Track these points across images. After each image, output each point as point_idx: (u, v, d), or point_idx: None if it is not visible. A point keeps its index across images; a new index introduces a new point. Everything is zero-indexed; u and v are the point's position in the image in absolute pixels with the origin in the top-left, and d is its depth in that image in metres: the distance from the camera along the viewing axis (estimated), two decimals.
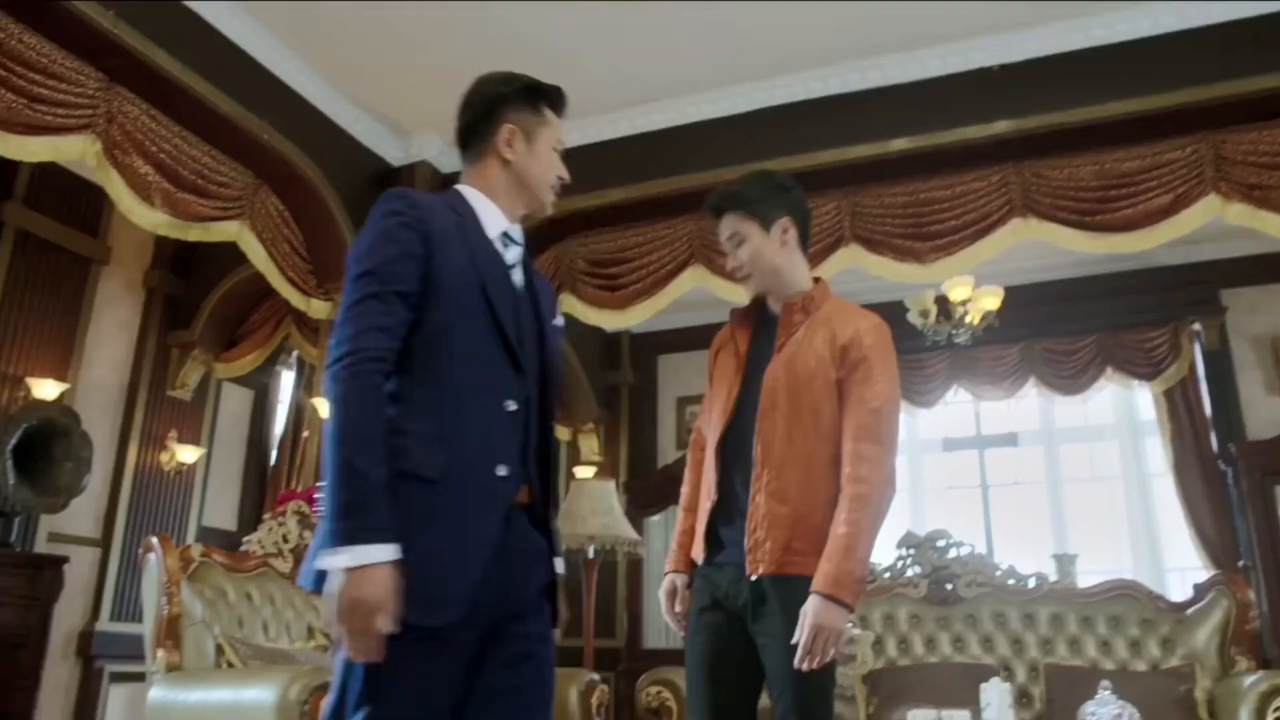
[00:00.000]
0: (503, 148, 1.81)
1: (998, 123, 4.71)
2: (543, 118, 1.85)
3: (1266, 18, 4.38)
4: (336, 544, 1.45)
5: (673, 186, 5.29)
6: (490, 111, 1.83)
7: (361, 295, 1.58)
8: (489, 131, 1.82)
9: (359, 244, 1.66)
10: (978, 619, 4.50)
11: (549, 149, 1.86)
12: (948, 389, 7.17)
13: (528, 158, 1.82)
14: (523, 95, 1.84)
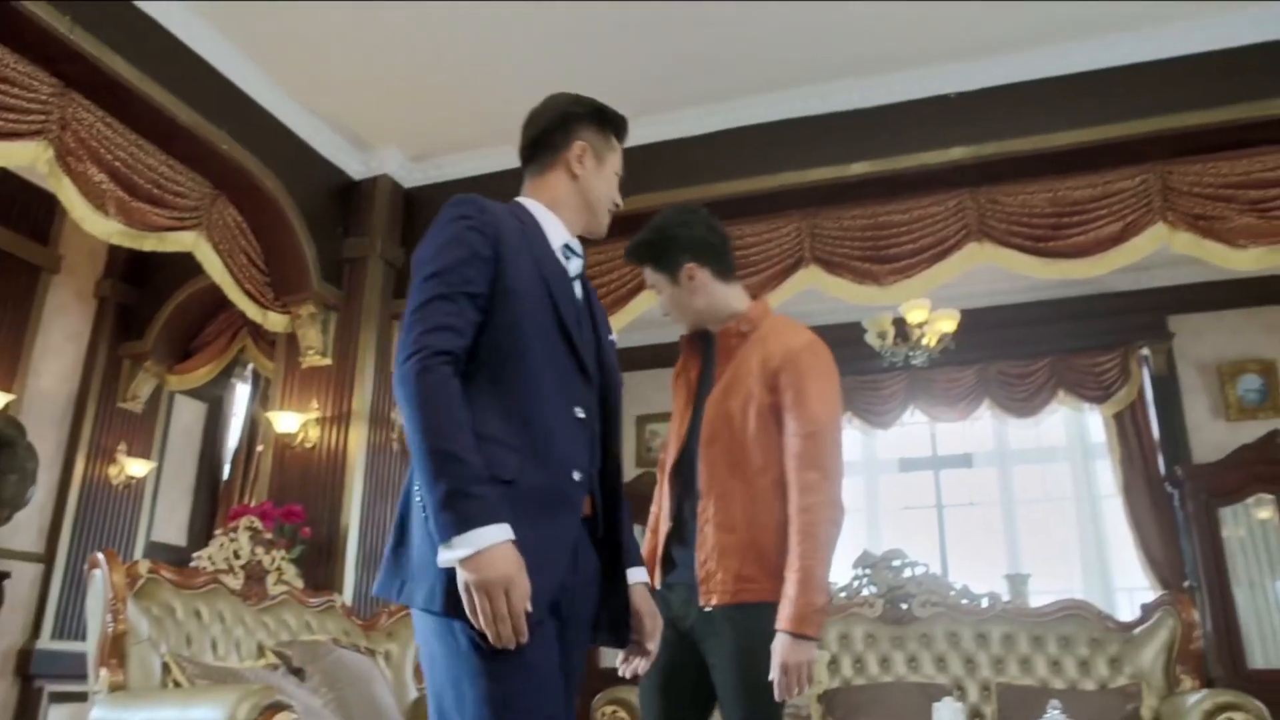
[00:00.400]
0: (574, 162, 1.83)
1: (955, 149, 4.80)
2: (610, 143, 1.89)
3: (1210, 55, 4.53)
4: (449, 535, 1.41)
5: (633, 205, 5.26)
6: (564, 126, 1.85)
7: (430, 296, 1.57)
8: (561, 145, 1.84)
9: (426, 247, 1.65)
10: (932, 638, 4.54)
11: (612, 173, 1.89)
12: (904, 410, 7.26)
13: (595, 176, 1.85)
14: (594, 116, 1.88)
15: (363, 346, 5.38)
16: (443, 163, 5.72)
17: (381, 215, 5.62)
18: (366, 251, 5.53)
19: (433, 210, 6.08)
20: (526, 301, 1.63)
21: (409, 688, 4.34)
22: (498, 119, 5.33)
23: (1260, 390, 6.52)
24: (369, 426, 5.27)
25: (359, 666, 3.97)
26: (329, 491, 5.13)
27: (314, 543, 4.95)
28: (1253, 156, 4.55)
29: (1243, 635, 5.84)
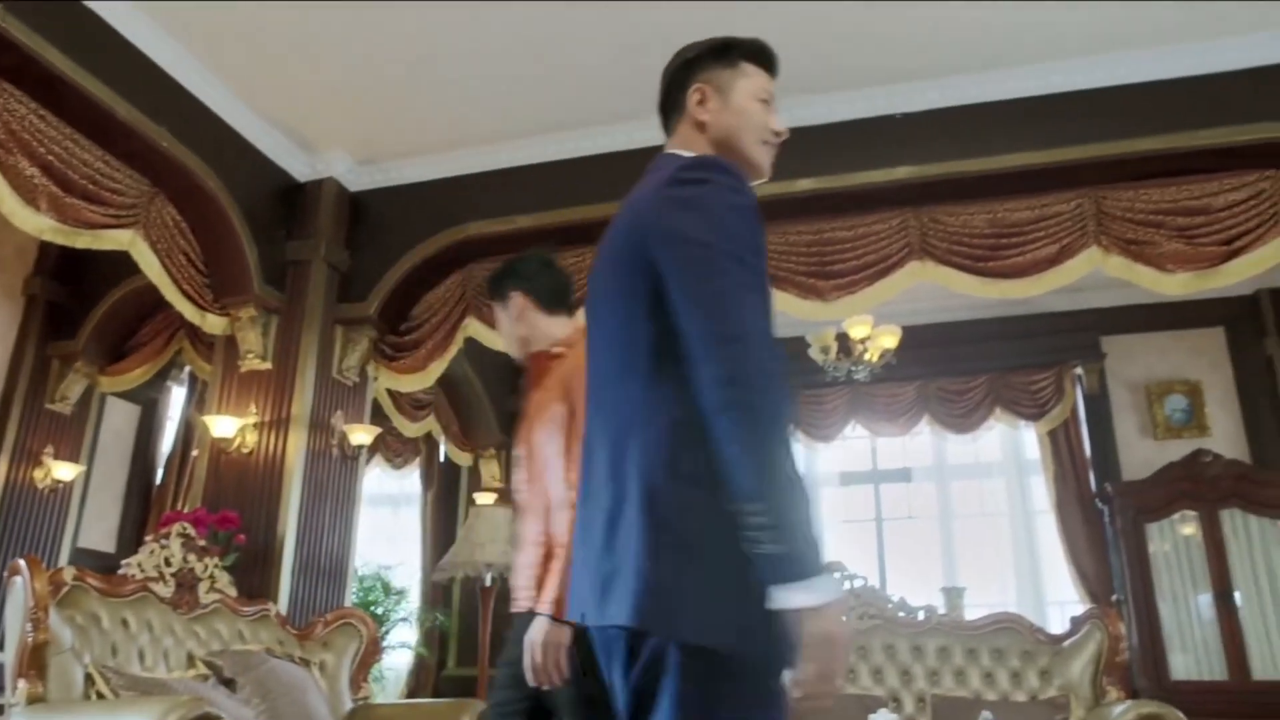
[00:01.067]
0: (694, 109, 1.60)
1: (899, 168, 4.89)
2: (738, 70, 1.61)
3: (1142, 86, 4.69)
4: (806, 575, 1.21)
5: (582, 215, 5.31)
6: (680, 77, 1.63)
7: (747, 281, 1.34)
8: (680, 98, 1.62)
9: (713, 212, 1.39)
10: (869, 650, 4.59)
11: (750, 101, 1.60)
12: (846, 424, 7.35)
13: (722, 114, 1.59)
14: (712, 53, 1.62)
15: (304, 351, 5.30)
16: (390, 167, 5.67)
17: (327, 218, 5.54)
18: (310, 255, 5.45)
19: (380, 214, 6.04)
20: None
21: (344, 698, 4.27)
22: (448, 124, 5.31)
23: (1186, 410, 6.73)
24: (309, 432, 5.19)
25: (293, 677, 3.89)
26: (266, 498, 5.03)
27: (249, 550, 4.85)
28: (1180, 185, 4.71)
29: (1166, 648, 6.02)
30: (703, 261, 1.34)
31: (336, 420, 5.41)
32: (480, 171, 5.56)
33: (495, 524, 5.54)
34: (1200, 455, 6.28)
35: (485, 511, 5.76)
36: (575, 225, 5.36)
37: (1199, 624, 6.07)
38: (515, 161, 5.50)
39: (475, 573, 5.47)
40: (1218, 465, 6.22)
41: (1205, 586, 6.08)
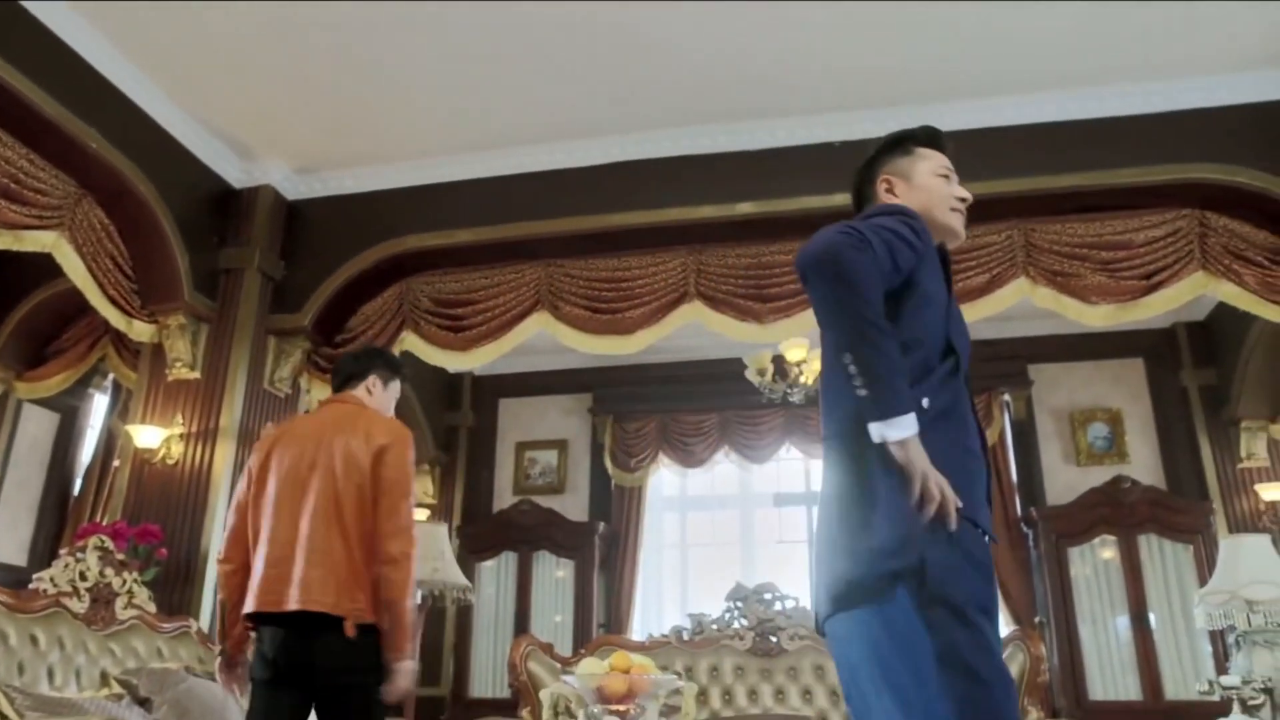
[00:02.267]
0: (884, 196, 1.89)
1: (837, 196, 4.95)
2: (913, 155, 1.92)
3: (1071, 124, 4.87)
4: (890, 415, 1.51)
5: (522, 232, 5.31)
6: (867, 175, 1.94)
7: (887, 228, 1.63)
8: (870, 191, 1.92)
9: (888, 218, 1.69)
10: (799, 671, 4.63)
11: (931, 178, 1.91)
12: (781, 446, 7.43)
13: (909, 194, 1.88)
14: (887, 147, 1.94)
15: (235, 361, 5.18)
16: (329, 177, 5.60)
17: (262, 227, 5.44)
18: (244, 263, 5.35)
19: (317, 224, 5.96)
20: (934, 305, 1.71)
21: None
22: (388, 136, 5.26)
23: (1107, 437, 6.94)
24: (238, 444, 5.07)
25: (213, 696, 3.78)
26: (190, 511, 4.90)
27: (171, 565, 4.71)
28: (1105, 220, 4.88)
29: (1085, 669, 6.17)
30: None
31: (267, 432, 5.28)
32: (420, 185, 5.52)
33: (427, 540, 5.46)
34: (1120, 481, 6.48)
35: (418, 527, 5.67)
36: (516, 241, 5.35)
37: (1116, 645, 6.24)
38: (456, 176, 5.47)
39: None
40: (1136, 491, 6.42)
41: (1123, 609, 6.27)
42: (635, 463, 7.49)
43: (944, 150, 1.96)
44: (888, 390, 1.52)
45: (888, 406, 1.52)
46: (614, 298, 5.24)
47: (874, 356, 1.52)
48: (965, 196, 1.93)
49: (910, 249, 1.66)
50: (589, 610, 6.94)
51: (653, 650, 4.58)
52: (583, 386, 7.76)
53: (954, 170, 1.93)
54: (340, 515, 2.61)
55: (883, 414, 1.52)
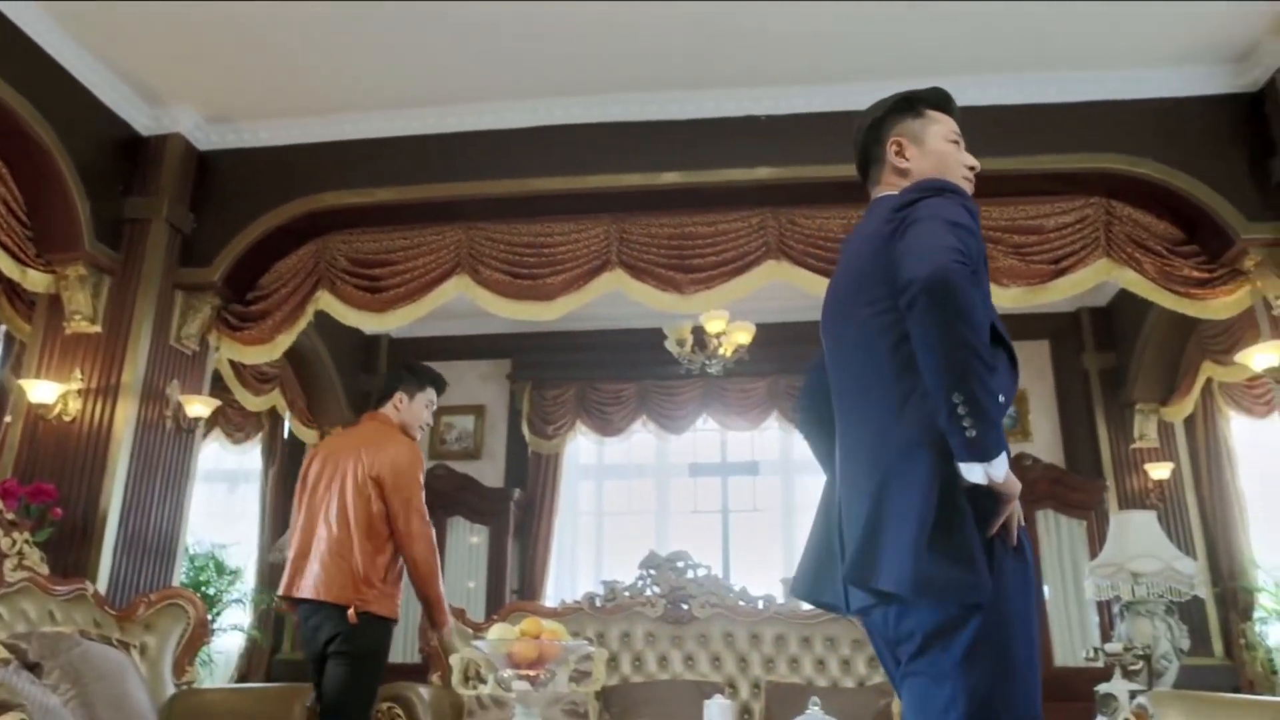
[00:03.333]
0: (894, 159, 1.85)
1: (761, 169, 5.01)
2: (926, 118, 1.87)
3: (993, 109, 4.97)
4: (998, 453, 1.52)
5: (444, 193, 5.22)
6: (875, 133, 1.88)
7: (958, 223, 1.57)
8: (879, 152, 1.87)
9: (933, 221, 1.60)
10: (709, 638, 4.70)
11: (943, 142, 1.86)
12: (698, 417, 7.50)
13: (921, 159, 1.84)
14: (898, 108, 1.88)
15: (139, 315, 4.99)
16: (243, 128, 5.40)
17: (170, 176, 5.23)
18: (150, 214, 5.14)
19: (230, 176, 5.76)
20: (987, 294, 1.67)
21: (166, 683, 4.05)
22: (307, 88, 5.10)
23: (1013, 416, 7.19)
24: (140, 402, 4.90)
25: (108, 661, 3.66)
26: (88, 470, 4.72)
27: (66, 525, 4.53)
28: (1019, 205, 5.02)
29: None
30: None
31: (172, 390, 5.13)
32: (340, 140, 5.37)
33: None
34: (1022, 459, 6.72)
35: None
36: (437, 202, 5.26)
37: None
38: (377, 132, 5.34)
39: None
40: (1036, 469, 6.66)
41: None
42: (553, 430, 7.48)
43: (953, 115, 1.92)
44: (995, 432, 1.50)
45: (994, 448, 1.51)
46: (535, 263, 5.19)
47: (985, 399, 1.49)
48: (974, 165, 1.90)
49: (975, 237, 1.62)
50: (502, 577, 6.94)
51: (565, 617, 4.60)
52: (502, 352, 7.70)
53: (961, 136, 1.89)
54: (350, 522, 3.27)
55: (986, 456, 1.51)
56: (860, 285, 1.72)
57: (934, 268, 1.49)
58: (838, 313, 1.81)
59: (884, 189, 1.87)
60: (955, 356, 1.48)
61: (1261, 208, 4.73)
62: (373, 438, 3.44)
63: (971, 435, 1.48)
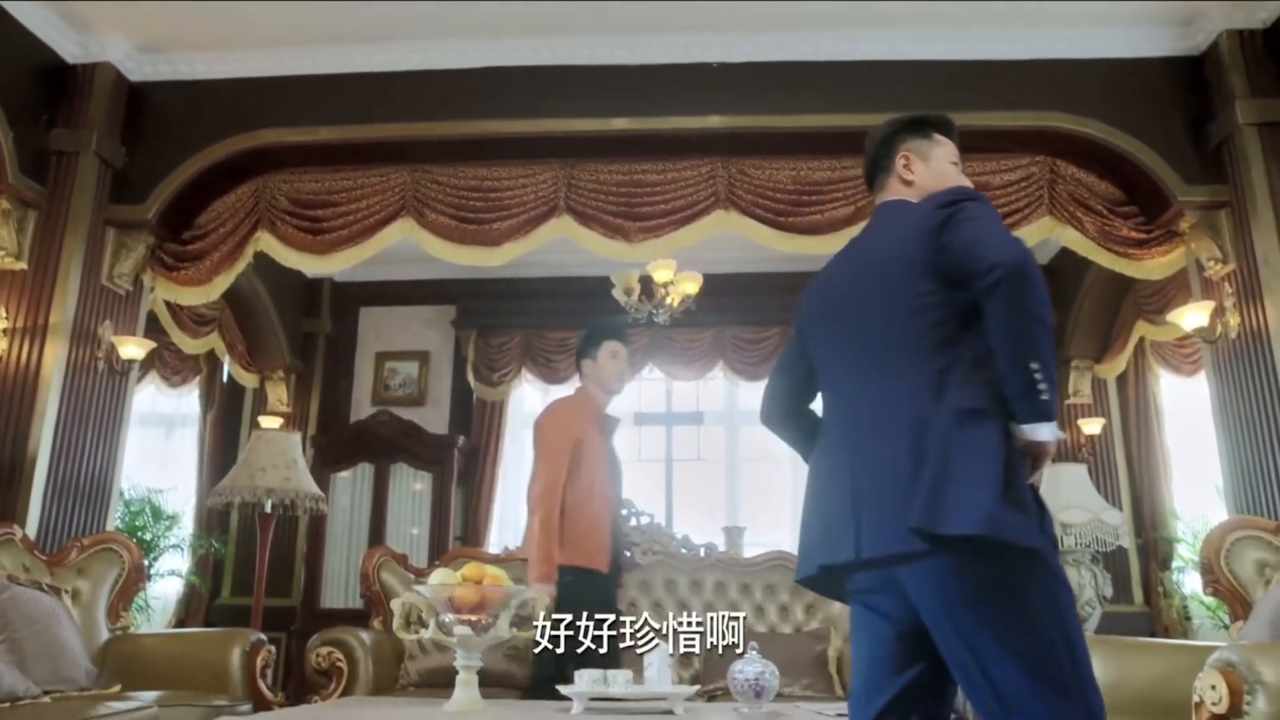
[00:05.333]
0: (901, 171, 2.06)
1: (711, 117, 4.97)
2: (932, 140, 2.09)
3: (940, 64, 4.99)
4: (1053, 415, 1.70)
5: (389, 134, 5.10)
6: (887, 145, 2.09)
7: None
8: (888, 164, 2.08)
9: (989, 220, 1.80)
10: (651, 585, 4.76)
11: (945, 164, 2.08)
12: (644, 366, 7.50)
13: (925, 176, 2.04)
14: (911, 127, 2.10)
15: (68, 252, 4.82)
16: (178, 59, 5.20)
17: (100, 108, 5.02)
18: (78, 146, 4.94)
19: (164, 110, 5.55)
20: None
21: (100, 628, 4.00)
22: (245, 19, 4.91)
23: None
24: (70, 342, 4.76)
25: (38, 606, 3.60)
26: (15, 412, 4.58)
27: None
28: (965, 162, 4.97)
29: None
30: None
31: (104, 331, 4.98)
32: (281, 75, 5.20)
33: (279, 449, 5.31)
34: None
35: (269, 435, 5.51)
36: (382, 143, 5.14)
37: None
38: (321, 68, 5.18)
39: (255, 499, 5.24)
40: None
41: None
42: (498, 377, 7.44)
43: (955, 141, 2.14)
44: (1055, 398, 1.71)
45: (1055, 410, 1.72)
46: (482, 208, 5.11)
47: (1053, 368, 1.70)
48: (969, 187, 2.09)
49: None
50: (446, 523, 6.92)
51: (507, 563, 4.62)
52: (447, 298, 7.61)
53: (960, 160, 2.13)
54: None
55: (1052, 417, 1.71)
56: (903, 270, 1.84)
57: (1016, 254, 1.69)
58: (855, 297, 1.94)
59: (891, 195, 2.09)
60: (1033, 329, 1.68)
61: (1199, 171, 4.83)
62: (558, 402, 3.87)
63: (1044, 399, 1.68)
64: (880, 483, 1.73)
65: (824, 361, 2.00)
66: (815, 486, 1.92)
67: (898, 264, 1.85)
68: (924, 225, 1.82)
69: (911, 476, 1.67)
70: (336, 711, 2.73)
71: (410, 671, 4.18)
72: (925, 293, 1.79)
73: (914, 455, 1.69)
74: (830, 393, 1.98)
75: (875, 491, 1.73)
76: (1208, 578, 3.16)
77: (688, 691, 2.99)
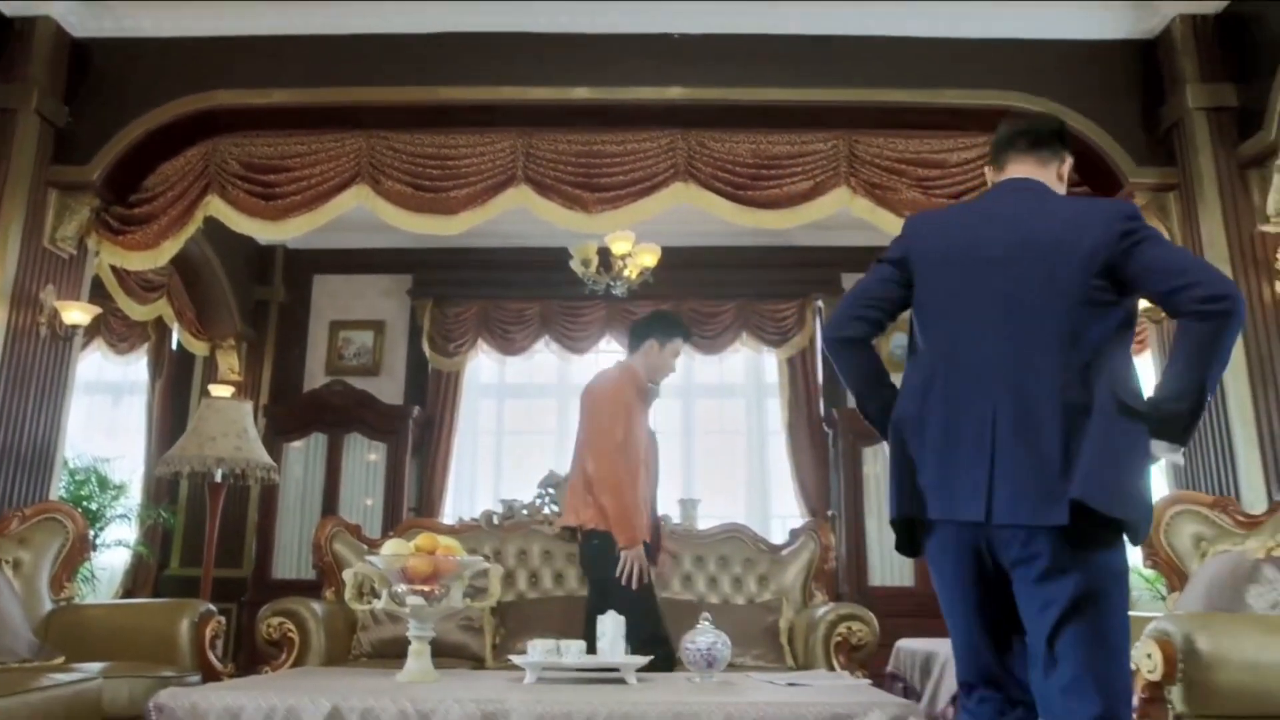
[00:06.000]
0: (1061, 169, 2.21)
1: (672, 88, 4.94)
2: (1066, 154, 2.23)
3: (899, 40, 5.00)
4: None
5: (345, 98, 5.01)
6: (1063, 141, 2.22)
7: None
8: (1058, 154, 2.19)
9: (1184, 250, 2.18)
10: None
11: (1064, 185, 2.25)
12: (601, 338, 7.49)
13: (1063, 182, 2.22)
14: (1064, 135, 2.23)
15: (8, 213, 4.68)
16: (123, 15, 5.04)
17: (40, 64, 4.86)
18: (17, 104, 4.78)
19: (109, 68, 5.39)
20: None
21: (43, 599, 3.92)
22: None
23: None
24: (11, 307, 4.63)
25: None
26: None
27: None
28: (923, 138, 5.08)
29: (869, 558, 6.70)
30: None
31: (46, 295, 4.85)
32: (233, 35, 5.07)
33: (229, 418, 5.23)
34: None
35: (219, 404, 5.42)
36: (338, 107, 5.05)
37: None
38: (275, 29, 5.07)
39: (205, 468, 5.16)
40: None
41: None
42: (454, 348, 7.38)
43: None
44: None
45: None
46: (439, 176, 5.04)
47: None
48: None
49: None
50: (400, 494, 6.88)
51: (461, 534, 4.60)
52: (403, 267, 7.52)
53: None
54: (581, 451, 3.83)
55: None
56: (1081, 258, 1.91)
57: (1238, 293, 1.82)
58: (1013, 264, 1.97)
59: (1047, 178, 2.17)
60: (1223, 364, 1.83)
61: (1149, 153, 4.91)
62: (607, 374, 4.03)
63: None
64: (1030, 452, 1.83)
65: (944, 309, 2.04)
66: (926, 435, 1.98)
67: (1072, 249, 1.92)
68: (1112, 226, 1.91)
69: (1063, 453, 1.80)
70: (286, 681, 2.71)
71: (363, 642, 4.15)
72: (1099, 288, 1.88)
73: (1066, 434, 1.81)
74: (947, 343, 2.02)
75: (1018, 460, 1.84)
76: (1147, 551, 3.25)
77: (640, 661, 3.00)
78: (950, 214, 2.23)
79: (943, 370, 2.00)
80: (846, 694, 2.53)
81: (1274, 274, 4.50)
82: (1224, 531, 3.09)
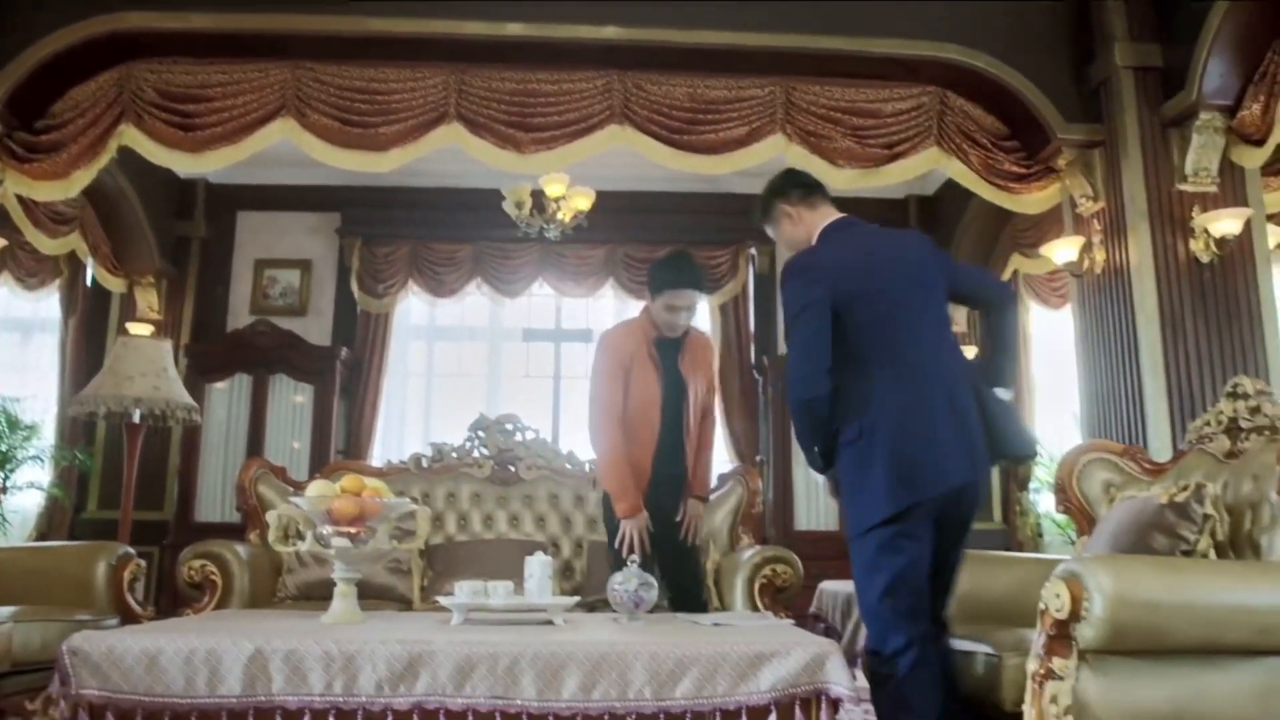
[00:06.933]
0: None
1: (608, 27, 4.86)
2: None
3: None
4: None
5: (269, 25, 4.82)
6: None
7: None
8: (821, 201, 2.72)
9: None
10: (534, 499, 4.78)
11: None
12: (533, 281, 7.43)
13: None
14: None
15: None
16: None
17: None
18: None
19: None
20: None
21: None
22: None
23: None
24: None
25: None
26: None
27: None
28: (859, 88, 5.09)
29: (795, 503, 6.84)
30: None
31: None
32: None
33: (147, 357, 5.07)
34: None
35: (136, 343, 5.24)
36: (261, 35, 4.85)
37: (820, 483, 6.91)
38: None
39: (122, 408, 5.00)
40: None
41: None
42: (383, 288, 7.25)
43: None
44: None
45: None
46: (368, 110, 4.90)
47: None
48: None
49: None
50: (328, 437, 6.79)
51: (390, 477, 4.56)
52: (331, 205, 7.33)
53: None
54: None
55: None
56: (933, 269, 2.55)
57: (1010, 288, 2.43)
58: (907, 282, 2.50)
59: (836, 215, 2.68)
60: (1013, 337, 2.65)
61: (1079, 110, 4.99)
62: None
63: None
64: (972, 419, 2.40)
65: (880, 328, 2.44)
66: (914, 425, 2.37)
67: (927, 264, 2.54)
68: (926, 244, 2.62)
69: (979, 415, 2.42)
70: (207, 623, 2.67)
71: (288, 585, 4.11)
72: (944, 301, 2.57)
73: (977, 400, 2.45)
74: (892, 351, 2.44)
75: (972, 426, 2.39)
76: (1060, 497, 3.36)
77: (568, 603, 3.03)
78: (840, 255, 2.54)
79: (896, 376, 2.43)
80: (770, 634, 2.58)
81: (1189, 231, 4.65)
82: (1131, 478, 3.21)
